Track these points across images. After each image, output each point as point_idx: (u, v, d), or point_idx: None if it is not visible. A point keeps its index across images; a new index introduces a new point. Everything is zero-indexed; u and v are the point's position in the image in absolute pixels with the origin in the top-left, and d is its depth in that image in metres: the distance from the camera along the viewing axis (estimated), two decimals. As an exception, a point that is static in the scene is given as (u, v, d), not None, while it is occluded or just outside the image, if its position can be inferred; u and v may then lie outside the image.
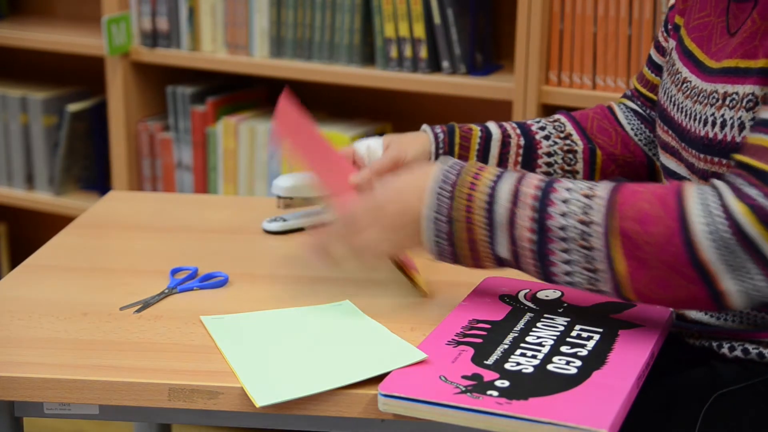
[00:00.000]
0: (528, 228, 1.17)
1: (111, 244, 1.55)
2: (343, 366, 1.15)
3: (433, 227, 1.21)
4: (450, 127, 1.50)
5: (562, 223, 1.16)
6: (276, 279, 1.41)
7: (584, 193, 1.17)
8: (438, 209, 1.21)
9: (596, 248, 1.15)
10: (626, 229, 1.13)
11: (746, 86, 1.22)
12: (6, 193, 2.74)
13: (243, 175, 2.44)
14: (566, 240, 1.16)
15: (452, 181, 1.21)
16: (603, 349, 1.18)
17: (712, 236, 1.10)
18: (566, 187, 1.17)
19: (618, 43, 2.03)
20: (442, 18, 2.17)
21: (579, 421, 1.03)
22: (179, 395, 1.14)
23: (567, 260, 1.17)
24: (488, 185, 1.19)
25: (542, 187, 1.18)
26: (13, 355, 1.20)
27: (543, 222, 1.16)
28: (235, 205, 1.82)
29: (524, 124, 1.52)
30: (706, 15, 1.34)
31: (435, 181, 1.21)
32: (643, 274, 1.14)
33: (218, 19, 2.40)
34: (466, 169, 1.22)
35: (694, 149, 1.28)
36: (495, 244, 1.20)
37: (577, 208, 1.16)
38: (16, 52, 2.74)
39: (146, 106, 2.57)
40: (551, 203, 1.17)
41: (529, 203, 1.17)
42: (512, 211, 1.18)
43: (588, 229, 1.15)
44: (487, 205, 1.19)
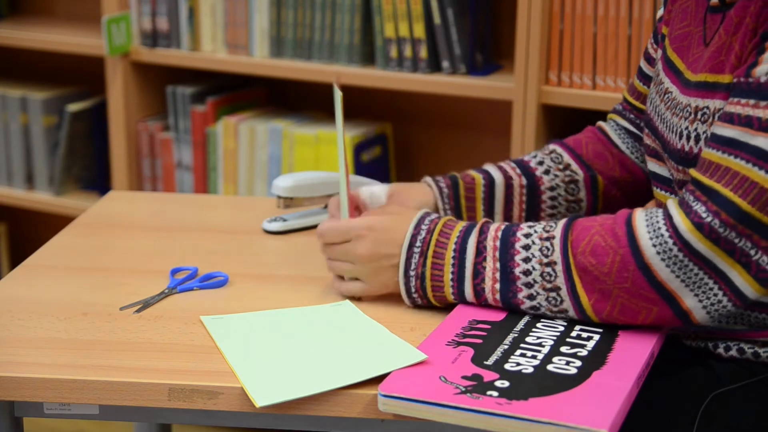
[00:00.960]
0: (492, 278, 1.25)
1: (111, 244, 1.55)
2: (343, 366, 1.16)
3: (405, 283, 1.30)
4: (453, 180, 1.49)
5: (525, 267, 1.23)
6: (276, 279, 1.41)
7: (541, 236, 1.24)
8: (410, 264, 1.29)
9: (559, 287, 1.22)
10: (583, 263, 1.20)
11: (716, 101, 1.23)
12: (6, 193, 2.74)
13: (243, 175, 2.44)
14: (531, 285, 1.23)
15: (424, 239, 1.28)
16: (603, 349, 1.18)
17: (664, 255, 1.16)
18: (525, 233, 1.24)
19: (618, 43, 2.03)
20: (442, 18, 2.17)
21: (579, 421, 1.03)
22: (179, 395, 1.14)
23: (533, 306, 1.24)
24: (455, 242, 1.27)
25: (501, 237, 1.25)
26: (13, 355, 1.20)
27: (506, 269, 1.24)
28: (235, 205, 1.82)
29: (523, 162, 1.51)
30: (687, 25, 1.34)
31: (409, 235, 1.29)
32: (607, 305, 1.20)
33: (218, 19, 2.40)
34: (438, 227, 1.29)
35: (673, 160, 1.30)
36: (462, 297, 1.28)
37: (537, 251, 1.23)
38: (16, 52, 2.74)
39: (146, 106, 2.57)
40: (514, 251, 1.24)
41: (492, 254, 1.25)
42: (477, 264, 1.26)
43: (549, 270, 1.22)
44: (453, 260, 1.27)
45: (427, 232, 1.28)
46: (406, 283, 1.29)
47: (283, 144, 2.38)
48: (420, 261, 1.28)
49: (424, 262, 1.28)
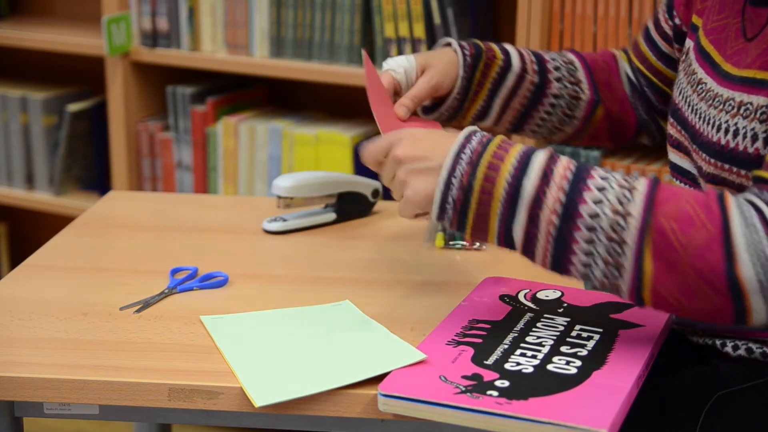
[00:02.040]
0: (552, 210, 1.10)
1: (111, 244, 1.55)
2: (342, 366, 1.15)
3: (443, 190, 1.15)
4: (477, 51, 1.47)
5: (594, 209, 1.09)
6: (276, 279, 1.41)
7: (621, 183, 1.10)
8: (454, 173, 1.14)
9: (627, 243, 1.08)
10: (664, 227, 1.07)
11: (761, 97, 1.21)
12: (6, 193, 2.74)
13: (243, 175, 2.44)
14: (594, 229, 1.09)
15: (474, 149, 1.14)
16: (603, 349, 1.18)
17: (751, 250, 1.05)
18: (601, 175, 1.11)
19: (618, 43, 2.03)
20: (442, 18, 2.17)
21: (579, 421, 1.03)
22: (179, 395, 1.14)
23: (588, 251, 1.10)
24: (516, 158, 1.13)
25: (574, 171, 1.12)
26: (13, 355, 1.20)
27: (572, 205, 1.10)
28: (235, 205, 1.82)
29: (542, 60, 1.52)
30: (724, 17, 1.33)
31: (458, 145, 1.15)
32: (670, 278, 1.08)
33: (218, 19, 2.40)
34: (494, 141, 1.15)
35: (705, 153, 1.27)
36: (511, 220, 1.12)
37: (613, 197, 1.09)
38: (16, 52, 2.74)
39: (146, 106, 2.57)
40: (585, 188, 1.10)
41: (559, 183, 1.10)
42: (540, 189, 1.11)
43: (622, 221, 1.08)
44: (511, 178, 1.12)
45: (479, 144, 1.14)
46: (445, 191, 1.14)
47: (283, 144, 2.38)
48: (467, 170, 1.13)
49: (472, 171, 1.13)
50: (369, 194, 1.63)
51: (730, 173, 1.23)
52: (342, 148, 2.32)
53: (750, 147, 1.20)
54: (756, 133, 1.20)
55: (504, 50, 1.50)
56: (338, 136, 2.33)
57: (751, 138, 1.20)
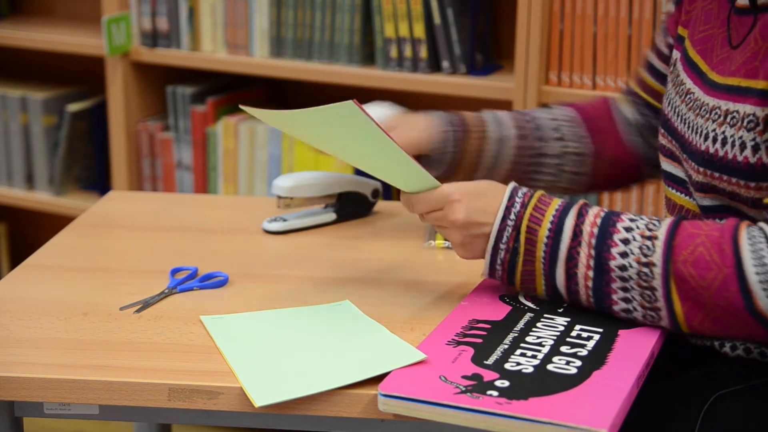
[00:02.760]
0: (586, 266, 1.21)
1: (111, 244, 1.55)
2: (342, 366, 1.15)
3: (492, 255, 1.26)
4: (463, 134, 1.48)
5: (622, 263, 1.20)
6: (276, 279, 1.41)
7: (643, 233, 1.20)
8: (501, 239, 1.25)
9: (656, 289, 1.18)
10: (683, 273, 1.17)
11: (747, 106, 1.22)
12: (6, 193, 2.74)
13: (243, 175, 2.44)
14: (626, 279, 1.20)
15: (518, 213, 1.25)
16: (603, 349, 1.18)
17: (765, 284, 1.13)
18: (626, 226, 1.21)
19: (618, 43, 2.03)
20: (442, 18, 2.17)
21: (579, 421, 1.03)
22: (179, 395, 1.14)
23: (626, 298, 1.21)
24: (551, 220, 1.23)
25: (600, 225, 1.22)
26: (13, 355, 1.20)
27: (602, 261, 1.21)
28: (235, 205, 1.82)
29: (539, 123, 1.52)
30: (710, 27, 1.33)
31: (503, 209, 1.25)
32: (700, 315, 1.17)
33: (218, 19, 2.40)
34: (532, 201, 1.25)
35: (694, 162, 1.28)
36: (553, 278, 1.24)
37: (637, 248, 1.19)
38: (16, 52, 2.74)
39: (146, 106, 2.57)
40: (612, 243, 1.20)
41: (588, 241, 1.21)
42: (572, 248, 1.22)
43: (648, 270, 1.18)
44: (548, 239, 1.23)
45: (522, 206, 1.25)
46: (493, 254, 1.26)
47: (283, 144, 2.38)
48: (512, 235, 1.25)
49: (516, 236, 1.24)
50: (369, 194, 1.63)
51: (720, 181, 1.24)
52: (342, 148, 2.32)
53: (739, 155, 1.22)
54: (744, 142, 1.22)
55: (497, 131, 1.50)
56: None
57: (740, 146, 1.22)
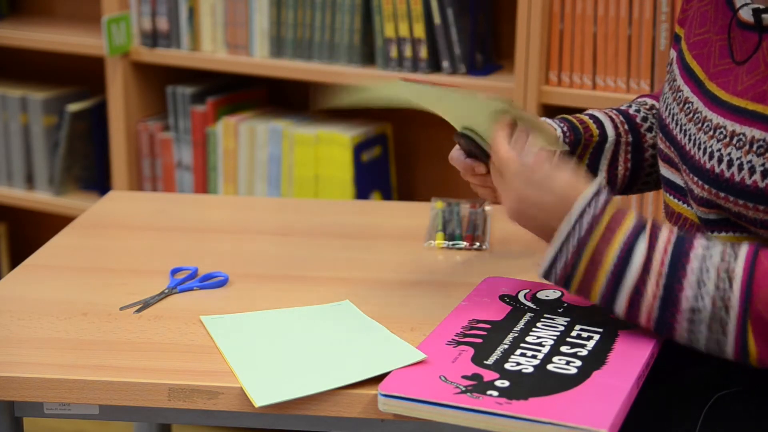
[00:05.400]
0: (653, 296, 1.16)
1: (111, 244, 1.55)
2: (342, 366, 1.15)
3: (552, 262, 1.20)
4: (574, 130, 1.44)
5: (693, 305, 1.14)
6: (276, 279, 1.41)
7: (718, 267, 1.14)
8: (561, 253, 1.19)
9: (727, 324, 1.13)
10: (760, 313, 1.12)
11: (755, 130, 1.19)
12: (6, 193, 2.74)
13: (243, 175, 2.44)
14: (693, 322, 1.14)
15: (585, 228, 1.18)
16: (603, 349, 1.18)
17: None
18: (699, 256, 1.15)
19: (618, 43, 2.03)
20: (442, 18, 2.17)
21: (579, 421, 1.03)
22: (179, 395, 1.14)
23: (690, 333, 1.15)
24: (620, 246, 1.17)
25: (671, 254, 1.15)
26: (13, 355, 1.20)
27: (671, 296, 1.15)
28: (235, 205, 1.82)
29: (629, 116, 1.49)
30: (706, 31, 1.32)
31: (575, 212, 1.19)
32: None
33: (218, 19, 2.40)
34: (603, 219, 1.18)
35: (698, 178, 1.26)
36: (612, 302, 1.18)
37: (713, 286, 1.13)
38: (16, 52, 2.73)
39: (146, 106, 2.57)
40: (684, 277, 1.14)
41: (658, 270, 1.15)
42: (640, 279, 1.16)
43: (724, 314, 1.13)
44: (614, 267, 1.17)
45: (593, 219, 1.18)
46: (551, 265, 1.19)
47: (283, 144, 2.38)
48: (575, 250, 1.18)
49: (578, 254, 1.18)
50: None
51: (727, 201, 1.22)
52: (342, 148, 2.32)
53: (748, 179, 1.20)
54: (754, 166, 1.19)
55: (597, 122, 1.46)
56: (338, 136, 2.33)
57: (749, 170, 1.20)
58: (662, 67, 1.99)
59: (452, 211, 1.62)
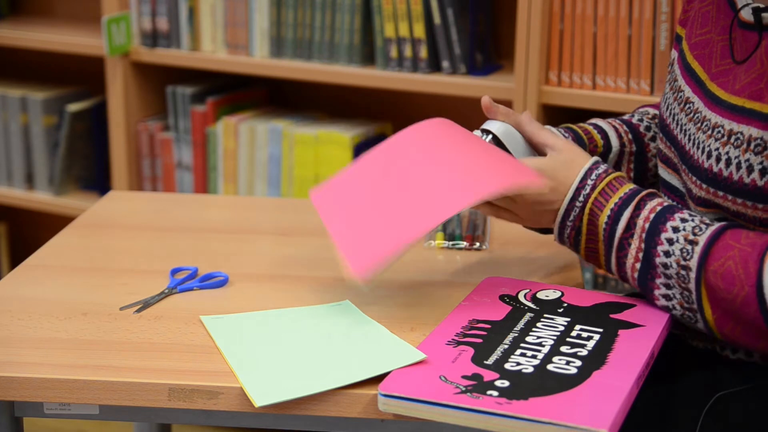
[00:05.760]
0: (635, 257, 1.26)
1: (111, 244, 1.55)
2: (342, 366, 1.15)
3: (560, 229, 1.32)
4: (578, 139, 1.45)
5: (665, 261, 1.23)
6: (276, 279, 1.41)
7: (687, 236, 1.22)
8: (569, 216, 1.31)
9: (692, 291, 1.21)
10: (712, 283, 1.19)
11: (752, 128, 1.20)
12: (6, 193, 2.74)
13: (243, 175, 2.44)
14: (668, 276, 1.23)
15: (587, 194, 1.30)
16: (603, 349, 1.18)
17: None
18: (674, 226, 1.23)
19: (618, 43, 2.03)
20: (442, 18, 2.17)
21: (579, 421, 1.03)
22: (179, 395, 1.14)
23: (667, 295, 1.24)
24: (611, 208, 1.28)
25: (652, 220, 1.25)
26: (13, 355, 1.20)
27: (648, 255, 1.24)
28: (235, 205, 1.82)
29: (633, 126, 1.49)
30: (707, 32, 1.32)
31: (573, 189, 1.30)
32: (730, 323, 1.19)
33: (218, 19, 2.40)
34: (599, 186, 1.29)
35: (696, 177, 1.27)
36: (608, 262, 1.29)
37: (679, 250, 1.22)
38: (16, 52, 2.74)
39: (146, 106, 2.57)
40: (659, 241, 1.23)
41: (639, 234, 1.25)
42: (624, 239, 1.27)
43: (684, 273, 1.21)
44: (606, 226, 1.28)
45: (591, 188, 1.30)
46: (561, 230, 1.32)
47: (283, 144, 2.38)
48: (579, 215, 1.30)
49: (581, 217, 1.30)
50: None
51: (725, 200, 1.23)
52: (342, 148, 2.32)
53: (746, 177, 1.20)
54: (751, 165, 1.20)
55: (602, 132, 1.47)
56: (338, 136, 2.33)
57: (747, 169, 1.20)
58: (662, 67, 1.99)
59: (452, 211, 1.62)
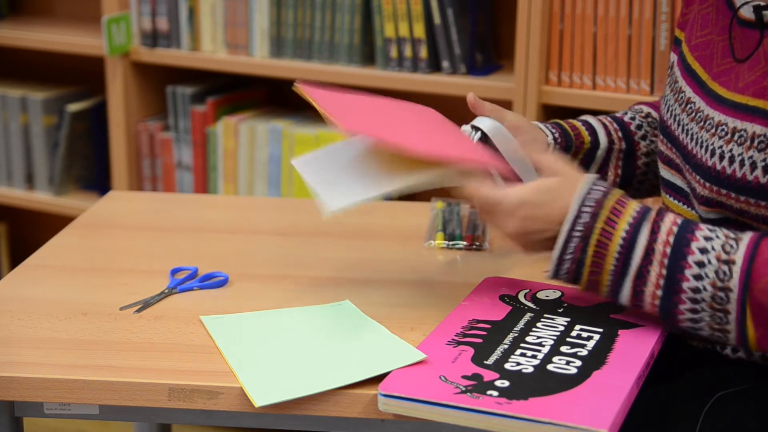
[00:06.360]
0: (655, 284, 1.18)
1: (111, 244, 1.55)
2: (342, 366, 1.15)
3: (557, 265, 1.22)
4: (565, 135, 1.43)
5: (695, 285, 1.16)
6: (276, 279, 1.41)
7: (719, 256, 1.16)
8: (568, 247, 1.20)
9: (729, 312, 1.15)
10: (760, 300, 1.13)
11: (755, 126, 1.20)
12: (6, 193, 2.74)
13: (243, 175, 2.44)
14: (697, 302, 1.16)
15: (586, 224, 1.20)
16: (603, 349, 1.18)
17: None
18: (701, 247, 1.16)
19: (618, 43, 2.03)
20: (442, 18, 2.17)
21: (579, 421, 1.03)
22: (179, 395, 1.14)
23: (694, 318, 1.17)
24: (622, 235, 1.19)
25: (673, 243, 1.17)
26: (13, 355, 1.20)
27: (674, 282, 1.17)
28: (235, 205, 1.82)
29: (624, 125, 1.48)
30: (708, 33, 1.32)
31: (572, 217, 1.20)
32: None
33: (218, 19, 2.40)
34: (603, 212, 1.20)
35: (699, 176, 1.27)
36: (617, 292, 1.20)
37: (713, 272, 1.15)
38: (16, 52, 2.74)
39: (146, 106, 2.57)
40: (686, 264, 1.16)
41: (660, 259, 1.17)
42: (643, 266, 1.18)
43: (723, 295, 1.15)
44: (618, 255, 1.19)
45: (591, 217, 1.20)
46: (559, 265, 1.21)
47: (283, 144, 2.38)
48: (579, 246, 1.20)
49: (584, 248, 1.20)
50: None
51: (728, 198, 1.23)
52: (342, 148, 2.32)
53: (749, 175, 1.20)
54: (755, 162, 1.20)
55: (590, 129, 1.46)
56: (338, 136, 2.33)
57: (750, 166, 1.20)
58: (662, 67, 1.99)
59: (452, 211, 1.62)
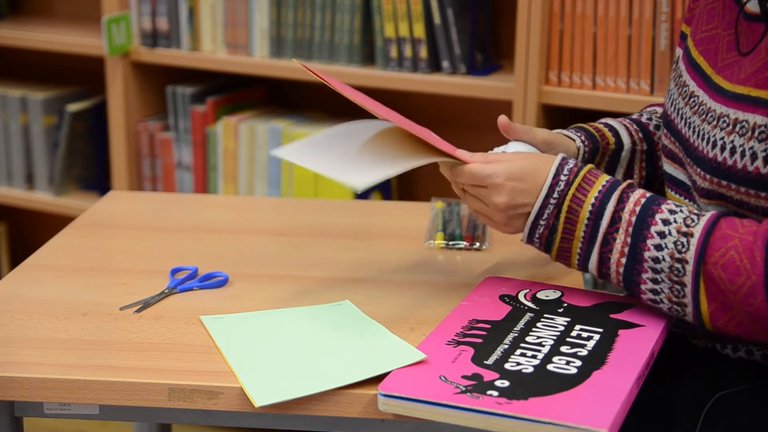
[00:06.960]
0: (620, 252, 1.23)
1: (111, 244, 1.55)
2: (342, 366, 1.15)
3: (531, 228, 1.28)
4: (592, 140, 1.44)
5: (656, 255, 1.20)
6: (276, 279, 1.41)
7: (680, 228, 1.20)
8: (543, 213, 1.27)
9: (685, 284, 1.19)
10: (713, 275, 1.17)
11: (757, 116, 1.20)
12: (6, 193, 2.74)
13: (243, 175, 2.44)
14: (657, 271, 1.20)
15: (562, 191, 1.26)
16: (603, 349, 1.18)
17: None
18: (664, 218, 1.21)
19: (618, 43, 2.03)
20: (442, 18, 2.17)
21: (579, 421, 1.03)
22: (179, 395, 1.14)
23: (654, 289, 1.22)
24: (592, 202, 1.25)
25: (639, 213, 1.22)
26: (13, 355, 1.20)
27: (637, 250, 1.21)
28: (235, 205, 1.82)
29: (642, 125, 1.49)
30: (713, 27, 1.32)
31: (549, 180, 1.26)
32: (725, 317, 1.18)
33: (218, 19, 2.40)
34: (576, 181, 1.26)
35: (700, 168, 1.27)
36: (586, 260, 1.26)
37: (672, 243, 1.20)
38: (16, 52, 2.74)
39: (146, 106, 2.57)
40: (649, 234, 1.21)
41: (626, 228, 1.22)
42: (609, 233, 1.23)
43: (680, 266, 1.19)
44: (588, 221, 1.24)
45: (566, 184, 1.26)
46: (533, 228, 1.27)
47: (283, 144, 2.38)
48: (553, 212, 1.26)
49: (557, 214, 1.26)
50: None
51: (729, 189, 1.23)
52: (342, 148, 2.32)
53: (750, 165, 1.21)
54: (755, 152, 1.21)
55: (613, 131, 1.47)
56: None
57: (751, 156, 1.21)
58: (662, 67, 1.99)
59: (452, 211, 1.62)
